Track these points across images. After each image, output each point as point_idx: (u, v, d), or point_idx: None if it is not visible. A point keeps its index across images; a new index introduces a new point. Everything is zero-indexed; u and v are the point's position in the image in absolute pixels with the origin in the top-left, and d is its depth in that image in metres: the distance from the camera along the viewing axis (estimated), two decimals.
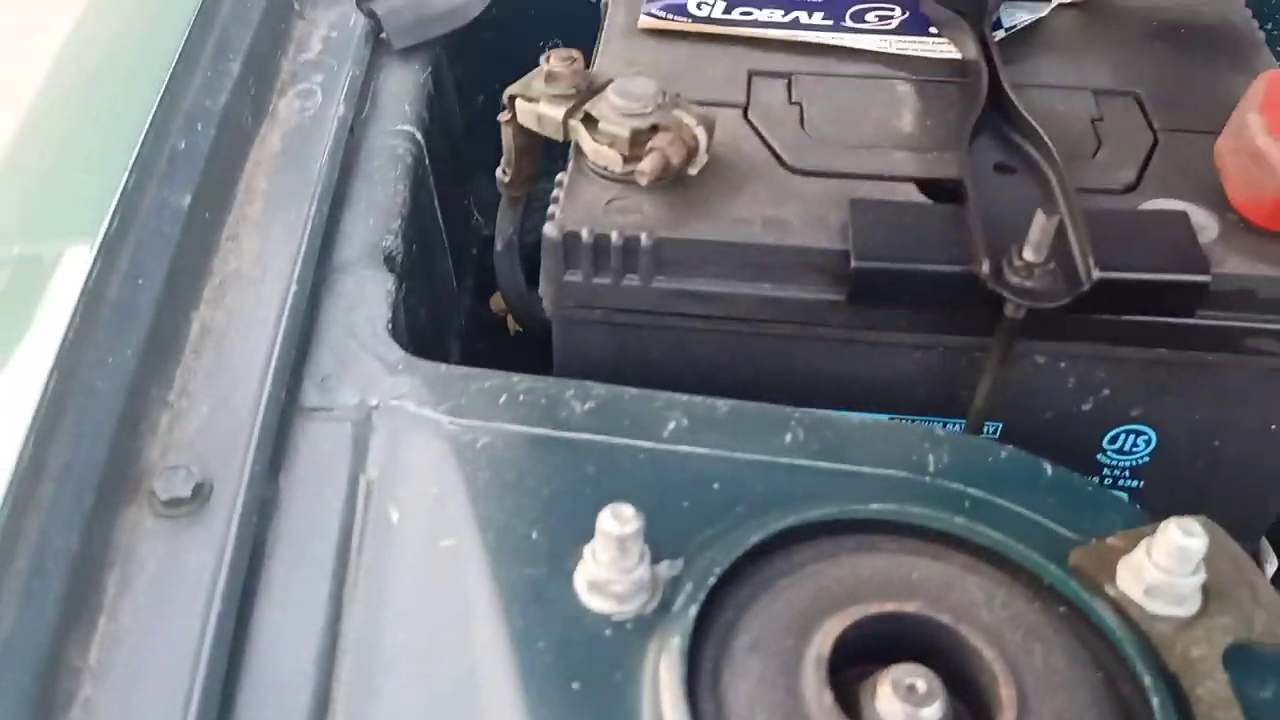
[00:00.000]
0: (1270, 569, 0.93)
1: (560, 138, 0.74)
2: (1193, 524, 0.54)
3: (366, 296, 0.72)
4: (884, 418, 0.75)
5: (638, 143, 0.70)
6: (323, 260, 0.74)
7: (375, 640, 0.55)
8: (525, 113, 0.74)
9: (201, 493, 0.59)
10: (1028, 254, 0.64)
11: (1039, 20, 0.89)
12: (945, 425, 0.76)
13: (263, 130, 0.81)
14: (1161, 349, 0.70)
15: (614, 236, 0.68)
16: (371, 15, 0.91)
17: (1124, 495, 0.80)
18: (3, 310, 0.65)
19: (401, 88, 0.90)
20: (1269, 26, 1.04)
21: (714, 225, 0.69)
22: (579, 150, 0.73)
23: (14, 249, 0.68)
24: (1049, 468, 0.64)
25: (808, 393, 0.74)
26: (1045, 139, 0.72)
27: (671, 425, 0.65)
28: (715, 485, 0.61)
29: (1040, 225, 0.63)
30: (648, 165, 0.68)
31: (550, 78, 0.73)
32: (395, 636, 0.55)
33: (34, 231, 0.68)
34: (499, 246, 0.86)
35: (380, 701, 0.53)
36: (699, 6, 0.89)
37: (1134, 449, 0.76)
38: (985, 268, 0.65)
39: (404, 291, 0.78)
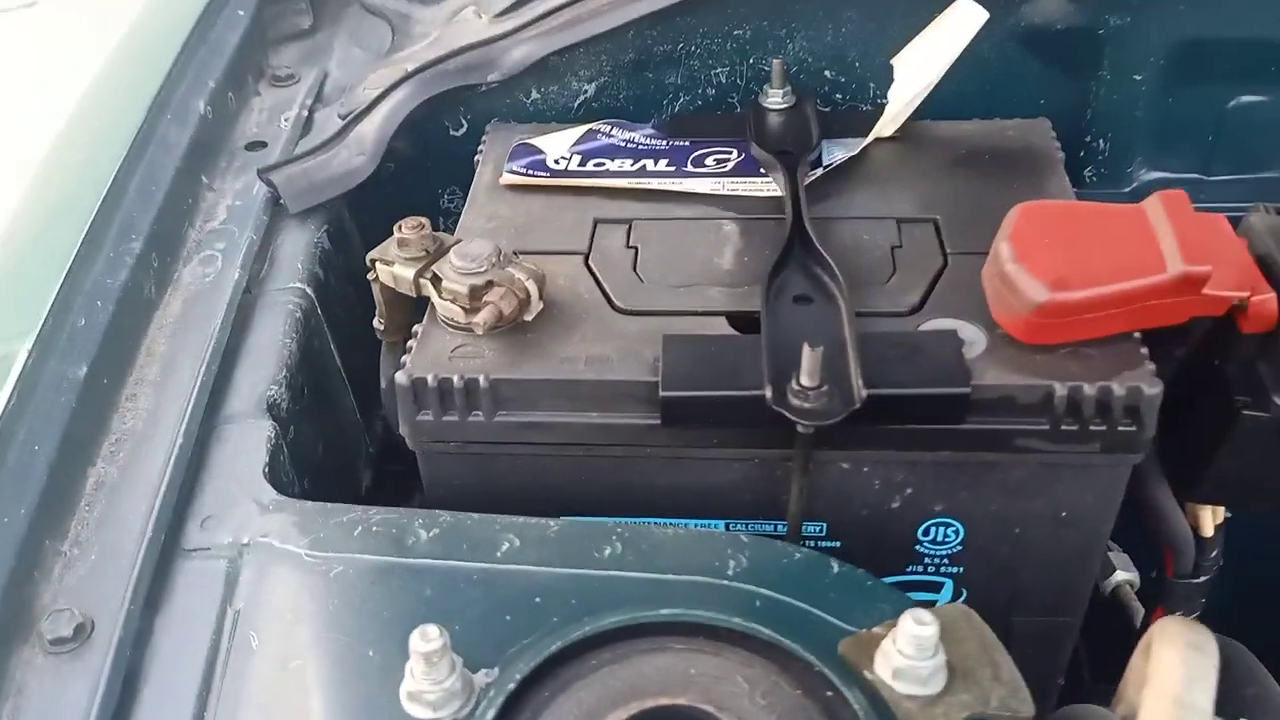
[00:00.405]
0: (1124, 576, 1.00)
1: (415, 294, 0.84)
2: (924, 614, 0.62)
3: (248, 444, 0.82)
4: (710, 525, 0.83)
5: (475, 297, 0.80)
6: (211, 412, 0.84)
7: None
8: (384, 273, 0.85)
9: (83, 631, 0.68)
10: (804, 379, 0.73)
11: (860, 153, 0.99)
12: (775, 527, 0.84)
13: (166, 297, 0.92)
14: (945, 451, 0.78)
15: (455, 380, 0.78)
16: (269, 184, 1.03)
17: (948, 581, 0.88)
18: None
19: (296, 247, 1.01)
20: None
21: (544, 365, 0.79)
22: (431, 305, 0.83)
23: None
24: (835, 565, 0.72)
25: (646, 505, 0.83)
26: (835, 271, 0.82)
27: (505, 546, 0.74)
28: (537, 599, 0.70)
29: (808, 355, 0.72)
30: (480, 318, 0.79)
31: (402, 243, 0.84)
32: None
33: None
34: (383, 385, 0.96)
35: None
36: (556, 161, 1.00)
37: (946, 539, 0.85)
38: (769, 392, 0.74)
39: (291, 434, 0.88)
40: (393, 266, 0.84)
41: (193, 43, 1.13)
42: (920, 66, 0.95)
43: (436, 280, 0.82)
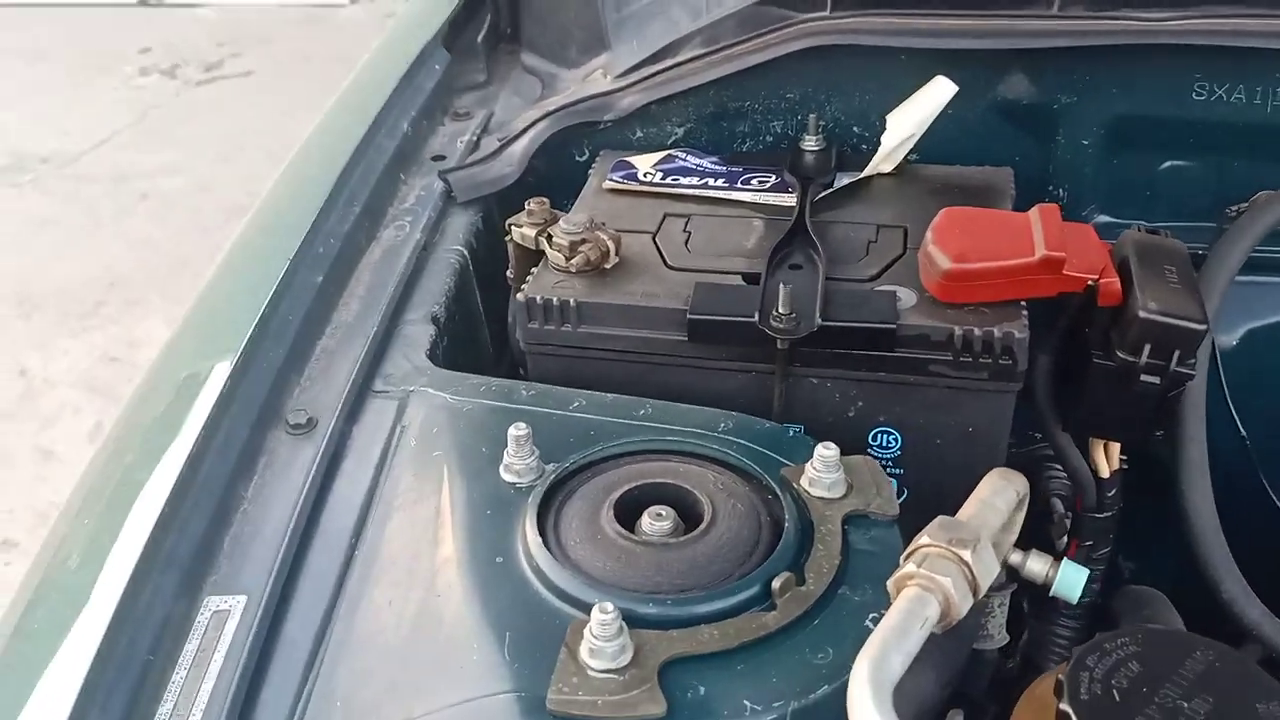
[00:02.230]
0: None
1: (534, 248, 1.25)
2: (830, 444, 0.98)
3: (418, 337, 1.24)
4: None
5: (573, 249, 1.20)
6: (395, 316, 1.26)
7: (397, 493, 1.03)
8: (516, 233, 1.26)
9: (311, 423, 1.10)
10: (780, 308, 1.10)
11: (865, 180, 1.36)
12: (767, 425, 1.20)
13: (372, 247, 1.36)
14: (882, 373, 1.14)
15: (554, 300, 1.18)
16: (446, 181, 1.46)
17: (893, 481, 1.21)
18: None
19: (459, 224, 1.44)
20: None
21: (614, 294, 1.18)
22: (544, 254, 1.24)
23: None
24: (791, 432, 1.08)
25: (677, 400, 1.20)
26: (819, 251, 1.19)
27: (575, 404, 1.12)
28: (591, 433, 1.08)
29: (782, 292, 1.09)
30: (575, 261, 1.19)
31: (530, 212, 1.25)
32: (405, 493, 1.04)
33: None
34: (510, 318, 1.36)
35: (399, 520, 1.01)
36: (645, 175, 1.41)
37: (889, 445, 1.19)
38: (757, 317, 1.11)
39: (445, 341, 1.29)
40: (522, 227, 1.25)
41: (401, 86, 1.60)
42: (905, 122, 1.33)
43: (549, 238, 1.22)
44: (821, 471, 0.98)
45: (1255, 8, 1.27)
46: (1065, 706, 0.75)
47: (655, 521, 0.95)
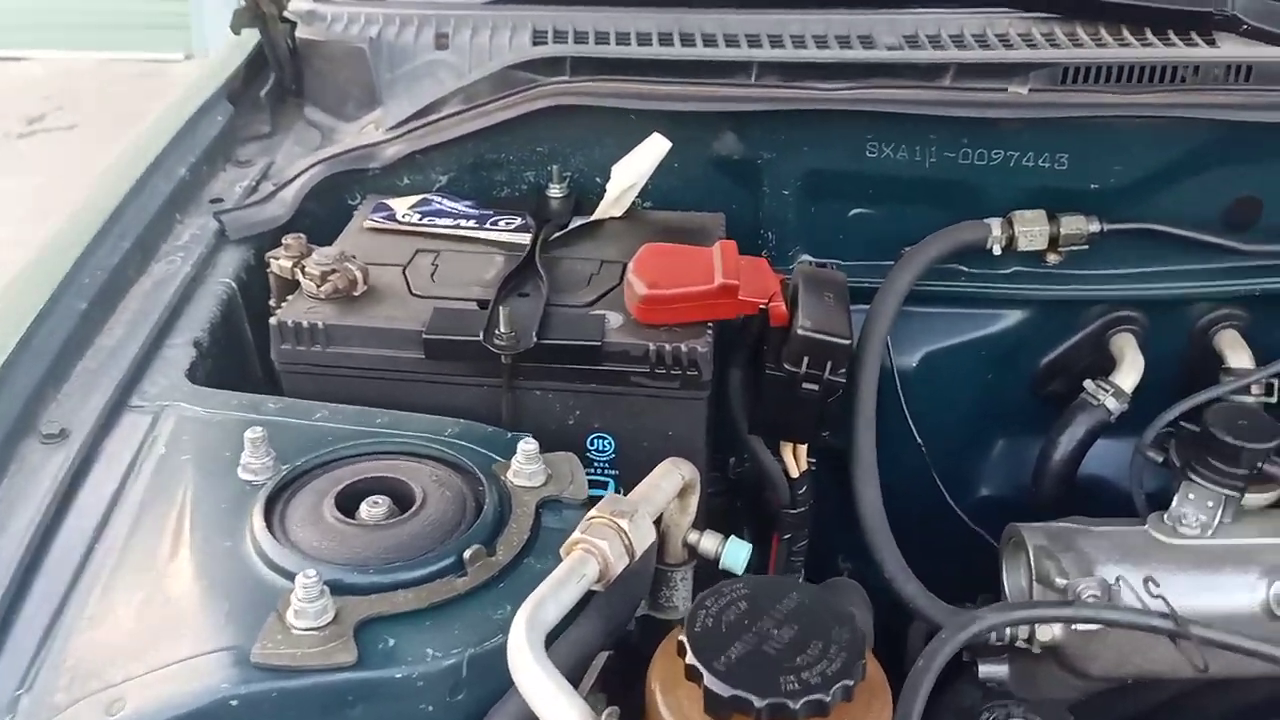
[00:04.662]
0: None
1: (291, 278, 1.38)
2: (529, 438, 1.14)
3: (178, 360, 1.35)
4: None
5: (324, 278, 1.34)
6: (159, 341, 1.37)
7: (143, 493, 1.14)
8: (274, 265, 1.40)
9: (65, 434, 1.19)
10: (501, 328, 1.27)
11: (597, 222, 1.55)
12: None
13: (142, 279, 1.47)
14: (593, 384, 1.31)
15: (304, 323, 1.32)
16: (220, 220, 1.59)
17: (611, 481, 1.39)
18: None
19: (232, 260, 1.56)
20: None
21: (358, 318, 1.33)
22: (300, 283, 1.37)
23: None
24: (509, 435, 1.24)
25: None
26: (543, 280, 1.37)
27: (319, 415, 1.26)
28: (330, 438, 1.22)
29: (502, 314, 1.26)
30: (324, 288, 1.33)
31: (286, 247, 1.39)
32: (149, 493, 1.14)
33: None
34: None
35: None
36: (403, 216, 1.57)
37: (604, 449, 1.36)
38: (482, 335, 1.27)
39: (208, 364, 1.41)
40: (279, 259, 1.39)
41: (181, 134, 1.71)
42: (627, 172, 1.53)
43: (304, 269, 1.36)
44: (523, 464, 1.15)
45: (914, 80, 1.52)
46: (682, 637, 0.93)
47: (371, 508, 1.09)
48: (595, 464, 1.37)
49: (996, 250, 1.55)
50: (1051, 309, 1.65)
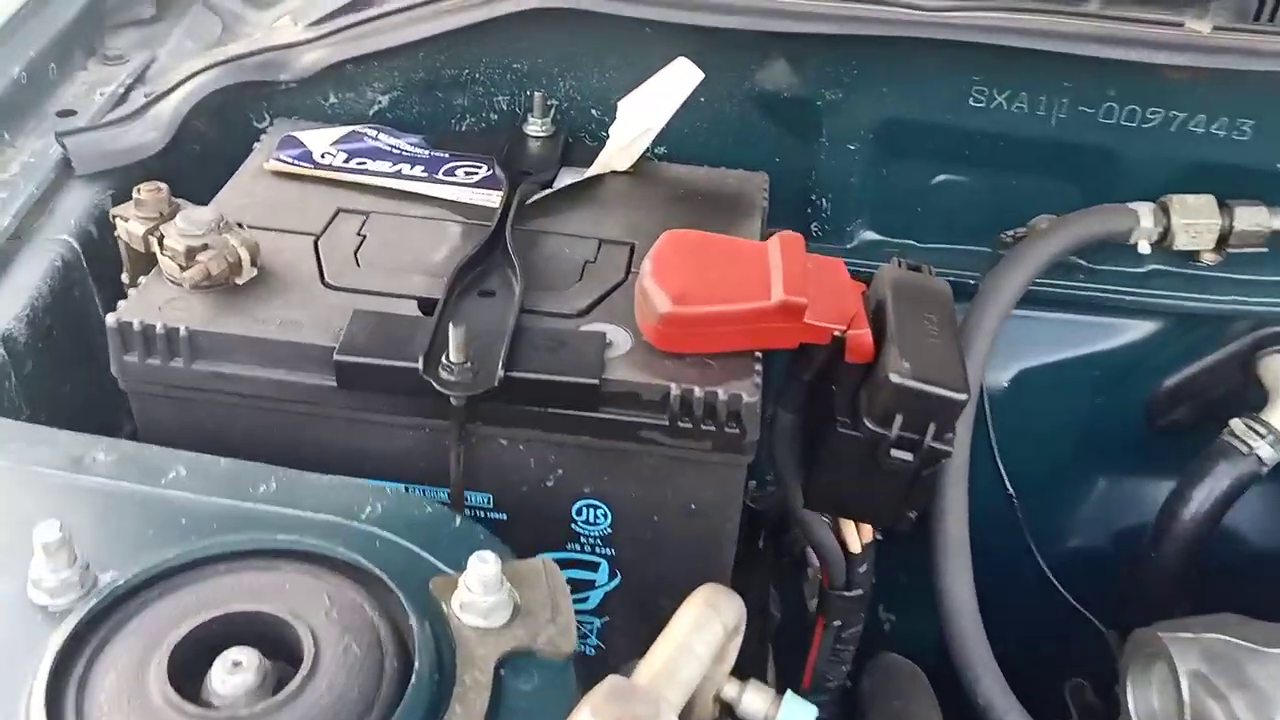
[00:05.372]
0: None
1: (144, 250, 0.94)
2: (488, 554, 0.73)
3: None
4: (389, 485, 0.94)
5: (190, 256, 0.90)
6: None
7: None
8: (122, 229, 0.95)
9: None
10: (452, 355, 0.84)
11: (592, 180, 1.12)
12: (448, 494, 0.95)
13: None
14: (584, 436, 0.90)
15: (158, 327, 0.88)
16: (63, 145, 1.12)
17: (603, 561, 0.99)
18: None
19: (75, 206, 1.10)
20: None
21: (240, 321, 0.90)
22: (158, 260, 0.93)
23: None
24: (457, 521, 0.83)
25: (330, 463, 0.92)
26: (517, 273, 0.94)
27: (170, 475, 0.83)
28: (184, 520, 0.80)
29: (453, 334, 0.84)
30: (189, 274, 0.89)
31: (139, 203, 0.94)
32: None
33: None
34: None
35: None
36: (323, 156, 1.11)
37: (597, 521, 0.96)
38: (421, 364, 0.85)
39: (29, 367, 0.97)
40: (129, 223, 0.94)
41: (22, 14, 1.23)
42: (640, 112, 1.08)
43: (161, 241, 0.92)
44: (478, 594, 0.73)
45: (1046, 2, 1.08)
46: None
47: (230, 675, 0.67)
48: (583, 539, 0.97)
49: (1144, 247, 1.14)
50: (1191, 322, 1.25)
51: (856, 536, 1.06)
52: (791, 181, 1.21)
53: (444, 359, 0.85)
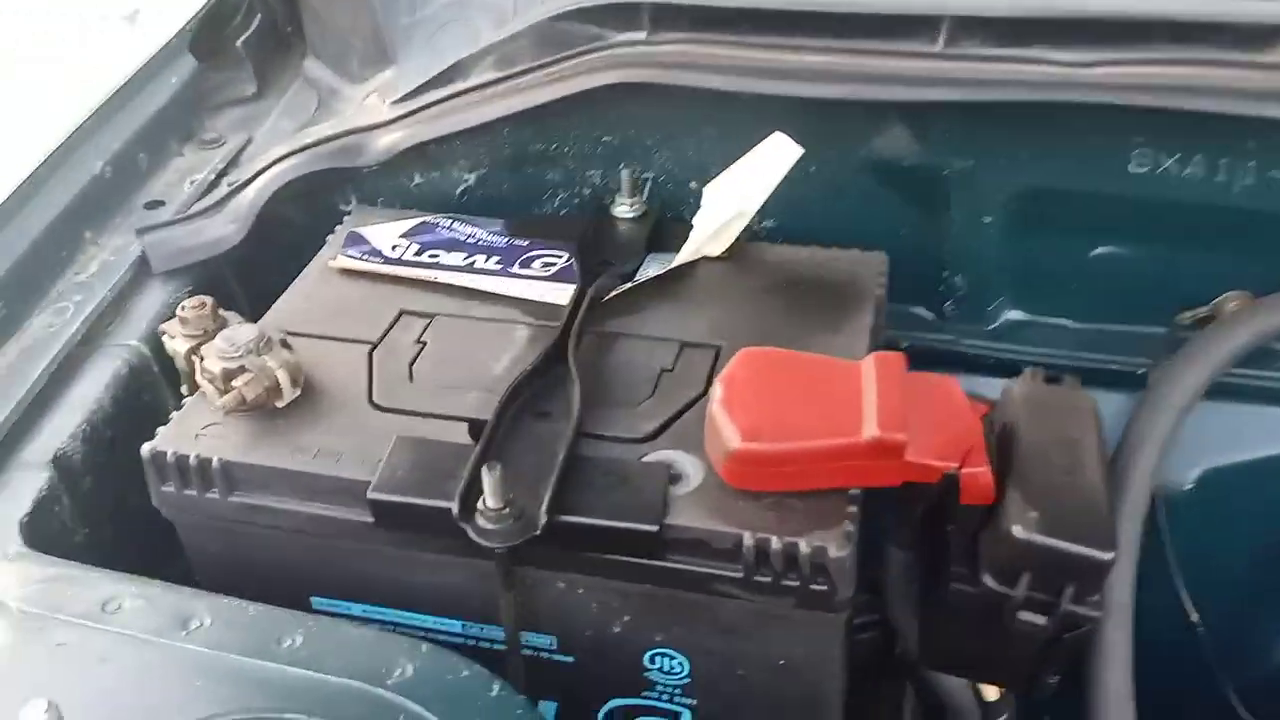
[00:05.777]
0: None
1: (189, 368, 0.88)
2: None
3: (17, 493, 0.87)
4: (444, 623, 0.84)
5: (227, 380, 0.83)
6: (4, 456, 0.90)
7: None
8: (168, 346, 0.90)
9: None
10: (489, 501, 0.74)
11: (686, 267, 0.99)
12: None
13: (5, 346, 0.99)
14: (647, 585, 0.78)
15: (191, 458, 0.82)
16: (142, 242, 1.09)
17: (685, 711, 0.86)
18: None
19: (150, 307, 1.06)
20: None
21: (276, 453, 0.82)
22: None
23: None
24: (496, 688, 0.72)
25: (382, 596, 0.85)
26: (576, 390, 0.83)
27: (195, 624, 0.76)
28: (198, 684, 0.72)
29: (487, 477, 0.73)
30: (224, 400, 0.82)
31: (183, 321, 0.88)
32: None
33: None
34: None
35: None
36: (393, 249, 1.04)
37: (674, 670, 0.83)
38: (456, 508, 0.75)
39: (87, 484, 0.93)
40: (174, 340, 0.89)
41: (114, 104, 1.22)
42: (732, 194, 0.95)
43: (201, 361, 0.86)
44: None
45: (1220, 50, 0.89)
46: None
47: None
48: (659, 687, 0.85)
49: None
50: None
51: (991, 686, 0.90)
52: (920, 257, 1.06)
53: (480, 507, 0.75)
